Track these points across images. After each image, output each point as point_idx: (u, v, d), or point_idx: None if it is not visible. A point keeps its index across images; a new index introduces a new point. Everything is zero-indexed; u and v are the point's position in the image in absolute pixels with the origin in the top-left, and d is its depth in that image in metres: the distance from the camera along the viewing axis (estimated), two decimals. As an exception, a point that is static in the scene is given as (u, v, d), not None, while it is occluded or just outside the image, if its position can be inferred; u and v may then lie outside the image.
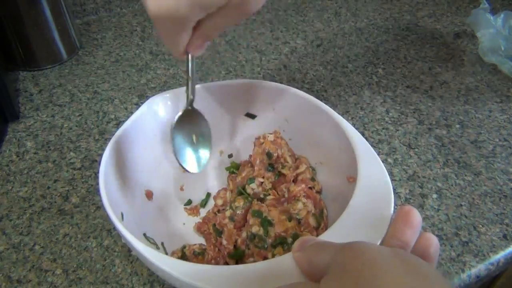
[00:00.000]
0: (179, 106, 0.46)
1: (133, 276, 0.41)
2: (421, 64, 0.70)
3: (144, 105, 0.44)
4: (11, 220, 0.46)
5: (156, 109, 0.45)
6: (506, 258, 0.44)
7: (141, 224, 0.40)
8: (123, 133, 0.41)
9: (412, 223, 0.29)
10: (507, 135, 0.57)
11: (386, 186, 0.35)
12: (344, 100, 0.62)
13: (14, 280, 0.41)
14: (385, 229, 0.32)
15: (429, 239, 0.29)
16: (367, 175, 0.37)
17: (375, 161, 0.38)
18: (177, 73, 0.67)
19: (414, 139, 0.56)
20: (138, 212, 0.41)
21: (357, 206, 0.34)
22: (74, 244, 0.44)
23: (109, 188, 0.37)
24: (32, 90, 0.63)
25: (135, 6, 0.84)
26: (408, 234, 0.29)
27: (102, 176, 0.37)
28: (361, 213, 0.34)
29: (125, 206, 0.39)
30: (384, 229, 0.32)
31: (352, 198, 0.35)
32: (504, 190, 0.50)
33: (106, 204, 0.35)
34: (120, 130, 0.41)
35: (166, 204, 0.45)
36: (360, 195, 0.35)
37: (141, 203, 0.43)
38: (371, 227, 0.32)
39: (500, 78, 0.67)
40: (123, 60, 0.70)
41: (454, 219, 0.47)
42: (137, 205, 0.42)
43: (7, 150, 0.54)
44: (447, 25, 0.80)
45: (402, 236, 0.29)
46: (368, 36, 0.77)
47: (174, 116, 0.42)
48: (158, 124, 0.45)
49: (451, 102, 0.63)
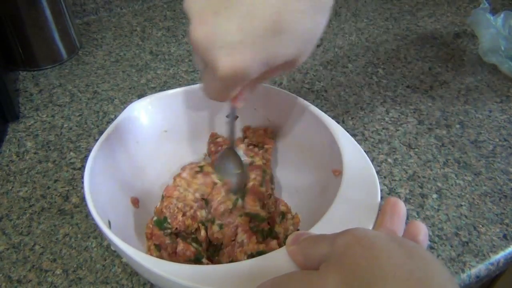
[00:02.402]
0: (161, 109, 0.46)
1: (133, 276, 0.41)
2: (421, 64, 0.70)
3: (123, 112, 0.43)
4: (11, 220, 0.46)
5: (137, 115, 0.45)
6: (506, 258, 0.44)
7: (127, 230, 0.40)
8: (104, 141, 0.41)
9: (399, 213, 0.31)
10: (507, 135, 0.57)
11: (372, 176, 0.36)
12: (344, 100, 0.62)
13: (14, 280, 0.41)
14: (374, 218, 0.33)
15: (417, 226, 0.30)
16: (352, 167, 0.37)
17: (359, 153, 0.39)
18: (177, 73, 0.67)
19: (414, 139, 0.56)
20: (124, 219, 0.41)
21: (345, 197, 0.35)
22: (74, 244, 0.44)
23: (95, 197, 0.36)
24: (32, 90, 0.63)
25: (135, 6, 0.84)
26: (396, 223, 0.30)
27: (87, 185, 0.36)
28: (349, 204, 0.34)
29: (112, 214, 0.38)
30: (372, 218, 0.33)
31: (340, 190, 0.35)
32: (504, 190, 0.50)
33: (93, 213, 0.34)
34: (101, 139, 0.41)
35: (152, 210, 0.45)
36: (347, 186, 0.36)
37: (127, 210, 0.42)
38: (360, 216, 0.33)
39: (500, 78, 0.67)
40: (123, 60, 0.70)
41: (454, 219, 0.47)
42: (123, 212, 0.41)
43: (7, 150, 0.54)
44: (447, 25, 0.80)
45: (391, 225, 0.30)
46: (368, 36, 0.77)
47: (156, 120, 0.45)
48: (140, 130, 0.45)
49: (451, 102, 0.63)
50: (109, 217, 0.37)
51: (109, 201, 0.39)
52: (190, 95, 0.47)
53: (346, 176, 0.37)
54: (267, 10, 0.28)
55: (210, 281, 0.29)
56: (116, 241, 0.32)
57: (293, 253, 0.30)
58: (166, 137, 0.47)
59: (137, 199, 0.44)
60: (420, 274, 0.23)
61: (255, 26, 0.28)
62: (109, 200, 0.39)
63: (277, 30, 0.28)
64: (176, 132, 0.48)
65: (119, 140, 0.43)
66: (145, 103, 0.45)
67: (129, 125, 0.44)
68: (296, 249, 0.29)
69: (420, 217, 0.47)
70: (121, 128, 0.43)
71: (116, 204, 0.41)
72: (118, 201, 0.41)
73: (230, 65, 0.29)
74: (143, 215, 0.43)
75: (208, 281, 0.29)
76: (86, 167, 0.38)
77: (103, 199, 0.38)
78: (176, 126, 0.48)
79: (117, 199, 0.41)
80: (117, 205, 0.41)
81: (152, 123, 0.46)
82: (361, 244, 0.25)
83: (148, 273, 0.31)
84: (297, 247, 0.29)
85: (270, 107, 0.47)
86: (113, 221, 0.37)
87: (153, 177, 0.46)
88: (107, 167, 0.40)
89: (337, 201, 0.34)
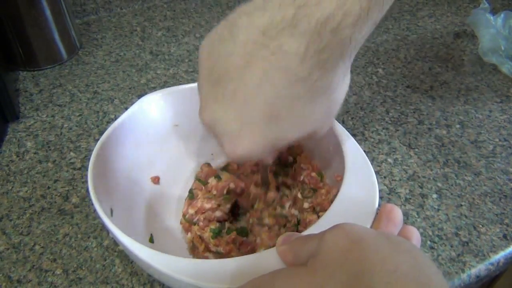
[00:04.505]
0: (173, 104, 0.46)
1: (133, 276, 0.41)
2: (421, 64, 0.70)
3: (135, 105, 0.44)
4: (11, 220, 0.46)
5: (148, 108, 0.45)
6: (506, 258, 0.44)
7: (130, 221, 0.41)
8: (113, 132, 0.41)
9: (395, 220, 0.31)
10: (507, 135, 0.57)
11: (372, 185, 0.36)
12: (344, 100, 0.62)
13: (14, 280, 0.41)
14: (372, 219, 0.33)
15: (410, 230, 0.31)
16: (354, 174, 0.37)
17: (362, 160, 0.39)
18: (177, 73, 0.67)
19: (414, 139, 0.56)
20: (127, 210, 0.41)
21: (342, 203, 0.35)
22: (74, 244, 0.44)
23: (97, 185, 0.37)
24: (32, 90, 0.63)
25: (135, 6, 0.84)
26: (391, 229, 0.30)
27: (91, 173, 0.37)
28: (345, 210, 0.34)
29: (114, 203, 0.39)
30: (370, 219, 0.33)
31: (338, 195, 0.35)
32: (504, 190, 0.50)
33: (94, 199, 0.35)
34: (110, 129, 0.41)
35: (156, 202, 0.45)
36: (347, 187, 0.36)
37: (131, 201, 0.43)
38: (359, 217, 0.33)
39: (500, 78, 0.67)
40: (123, 60, 0.70)
41: (454, 219, 0.47)
42: (127, 203, 0.42)
43: (7, 150, 0.54)
44: (447, 25, 0.80)
45: (385, 230, 0.30)
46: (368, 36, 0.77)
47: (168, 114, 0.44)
48: (151, 124, 0.45)
49: (451, 102, 0.63)
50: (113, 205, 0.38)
51: (114, 189, 0.40)
52: None
53: (347, 178, 0.37)
54: (261, 98, 0.29)
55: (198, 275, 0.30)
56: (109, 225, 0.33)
57: (283, 253, 0.30)
58: (176, 131, 0.48)
59: (158, 177, 0.46)
60: (406, 267, 0.23)
61: (252, 115, 0.29)
62: (114, 187, 0.40)
63: (273, 116, 0.29)
64: (186, 127, 0.48)
65: (130, 129, 0.43)
66: (158, 96, 0.46)
67: (140, 117, 0.44)
68: (286, 248, 0.30)
69: (420, 217, 0.47)
70: (133, 118, 0.43)
71: (121, 192, 0.41)
72: (123, 189, 0.42)
73: (234, 151, 0.30)
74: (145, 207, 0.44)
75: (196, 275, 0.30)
76: (93, 151, 0.38)
77: (106, 186, 0.38)
78: (187, 121, 0.48)
79: (122, 188, 0.42)
80: (122, 193, 0.41)
81: (163, 116, 0.46)
82: (349, 237, 0.25)
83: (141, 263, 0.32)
84: (287, 246, 0.30)
85: None
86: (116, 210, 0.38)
87: (160, 170, 0.47)
88: (114, 155, 0.41)
89: (333, 207, 0.34)
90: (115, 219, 0.37)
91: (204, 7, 0.84)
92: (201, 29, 0.78)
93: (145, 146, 0.45)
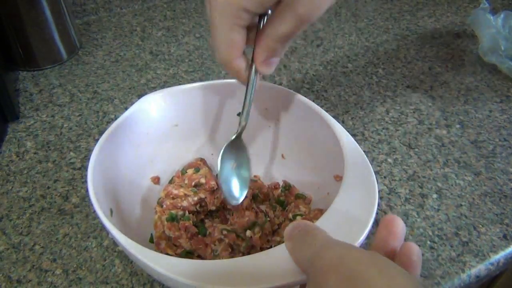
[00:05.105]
0: (174, 104, 0.46)
1: (133, 276, 0.41)
2: (421, 64, 0.70)
3: (135, 105, 0.44)
4: (11, 220, 0.46)
5: (148, 108, 0.45)
6: (506, 258, 0.44)
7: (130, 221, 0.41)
8: (113, 132, 0.41)
9: (395, 232, 0.30)
10: (507, 135, 0.57)
11: (372, 185, 0.36)
12: (344, 100, 0.62)
13: (14, 280, 0.41)
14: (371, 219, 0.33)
15: (410, 247, 0.30)
16: (353, 174, 0.37)
17: (362, 160, 0.39)
18: (177, 73, 0.67)
19: (414, 139, 0.56)
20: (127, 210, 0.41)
21: (341, 204, 0.35)
22: (74, 244, 0.44)
23: (97, 185, 0.37)
24: (32, 90, 0.63)
25: (135, 6, 0.84)
26: (391, 243, 0.30)
27: (91, 173, 0.37)
28: (345, 210, 0.34)
29: (114, 203, 0.39)
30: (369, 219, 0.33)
31: (337, 196, 0.35)
32: (504, 190, 0.50)
33: (93, 200, 0.35)
34: (110, 129, 0.41)
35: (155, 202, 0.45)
36: (345, 193, 0.36)
37: (131, 201, 0.43)
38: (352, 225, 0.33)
39: (500, 78, 0.67)
40: (123, 60, 0.70)
41: (454, 219, 0.47)
42: (127, 203, 0.42)
43: (7, 150, 0.54)
44: (447, 25, 0.80)
45: (386, 246, 0.30)
46: (368, 36, 0.77)
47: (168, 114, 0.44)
48: (150, 124, 0.45)
49: (451, 102, 0.63)
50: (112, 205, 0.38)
51: (114, 189, 0.40)
52: (204, 92, 0.47)
53: (346, 178, 0.37)
54: None
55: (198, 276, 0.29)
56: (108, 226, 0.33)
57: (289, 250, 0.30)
58: (176, 131, 0.48)
59: (158, 177, 0.46)
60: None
61: None
62: (114, 187, 0.40)
63: None
64: (186, 127, 0.48)
65: (130, 129, 0.43)
66: (158, 96, 0.45)
67: (140, 117, 0.44)
68: (289, 246, 0.30)
69: (420, 217, 0.47)
70: (133, 118, 0.43)
71: (121, 192, 0.41)
72: (123, 190, 0.42)
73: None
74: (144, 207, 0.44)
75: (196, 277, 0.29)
76: (93, 151, 0.38)
77: (106, 186, 0.38)
78: (187, 121, 0.48)
79: (122, 188, 0.42)
80: (122, 193, 0.41)
81: (163, 116, 0.46)
82: (338, 272, 0.24)
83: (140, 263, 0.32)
84: (290, 244, 0.30)
85: (281, 108, 0.47)
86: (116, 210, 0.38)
87: (160, 170, 0.47)
88: (114, 155, 0.41)
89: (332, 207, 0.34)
90: (115, 219, 0.37)
91: (204, 7, 0.84)
92: (201, 29, 0.78)
93: (145, 146, 0.45)
